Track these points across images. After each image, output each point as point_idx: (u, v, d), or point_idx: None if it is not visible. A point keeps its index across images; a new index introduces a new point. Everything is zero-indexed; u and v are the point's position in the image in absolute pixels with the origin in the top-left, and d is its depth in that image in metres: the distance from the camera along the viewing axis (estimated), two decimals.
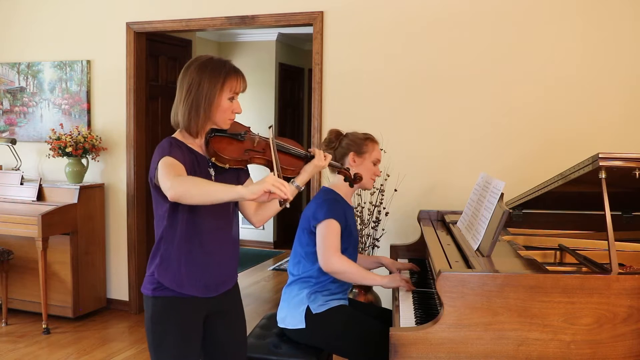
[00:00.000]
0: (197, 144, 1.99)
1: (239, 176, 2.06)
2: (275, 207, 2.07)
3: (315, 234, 2.49)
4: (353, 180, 2.35)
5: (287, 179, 2.02)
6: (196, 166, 1.93)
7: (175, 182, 1.72)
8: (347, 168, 2.40)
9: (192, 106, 1.91)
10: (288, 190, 1.68)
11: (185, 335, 1.95)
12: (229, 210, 2.03)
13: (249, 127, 2.05)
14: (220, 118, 1.95)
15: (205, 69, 1.92)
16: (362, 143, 2.59)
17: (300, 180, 2.04)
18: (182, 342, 1.94)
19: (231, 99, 1.94)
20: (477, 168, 3.43)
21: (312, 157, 2.07)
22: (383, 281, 2.50)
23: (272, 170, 1.88)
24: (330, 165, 2.17)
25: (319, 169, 2.07)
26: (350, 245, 2.58)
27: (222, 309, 2.05)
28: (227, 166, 1.91)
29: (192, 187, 1.72)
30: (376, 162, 2.63)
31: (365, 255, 3.01)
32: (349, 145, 2.60)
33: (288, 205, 1.72)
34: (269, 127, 1.99)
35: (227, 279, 2.05)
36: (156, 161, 1.86)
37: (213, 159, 1.93)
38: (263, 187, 1.65)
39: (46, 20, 4.80)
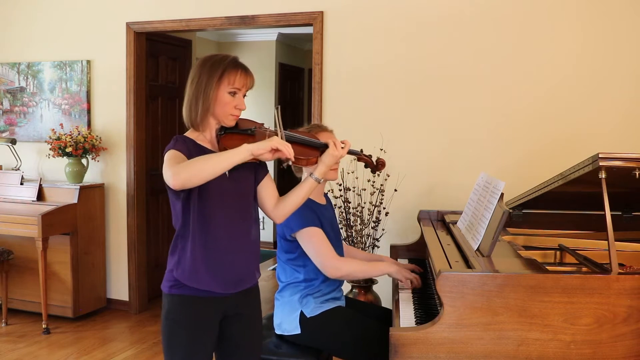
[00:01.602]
0: (207, 141, 1.98)
1: (256, 172, 2.04)
2: (294, 200, 2.03)
3: (291, 241, 2.45)
4: (375, 167, 2.30)
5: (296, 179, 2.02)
6: None
7: (176, 169, 1.74)
8: (369, 155, 2.32)
9: (192, 99, 1.94)
10: (292, 152, 1.79)
11: (198, 334, 1.95)
12: (246, 205, 2.01)
13: (262, 124, 2.03)
14: (220, 112, 1.94)
15: (207, 63, 1.95)
16: None
17: (319, 172, 2.00)
18: (194, 341, 1.94)
19: (232, 93, 1.93)
20: (477, 168, 3.42)
21: (327, 146, 2.01)
22: (390, 269, 2.50)
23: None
24: (350, 152, 2.10)
25: (336, 158, 2.01)
26: (331, 239, 2.52)
27: (240, 312, 2.04)
28: None
29: (195, 165, 1.74)
30: None
31: (368, 253, 2.99)
32: None
33: (285, 166, 1.84)
34: (276, 108, 1.98)
35: (245, 277, 2.02)
36: (164, 158, 1.88)
37: None
38: (270, 143, 1.78)
39: (46, 20, 4.80)
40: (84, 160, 4.54)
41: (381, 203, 3.60)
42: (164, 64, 5.08)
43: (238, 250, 1.98)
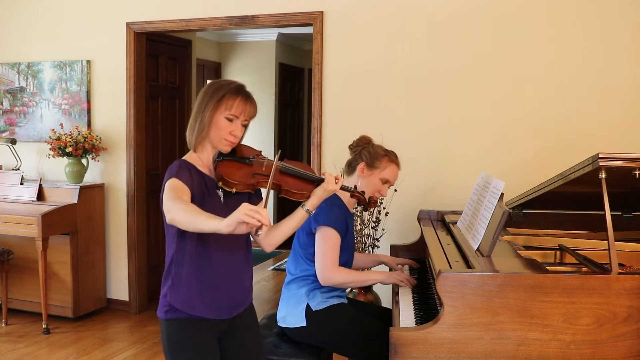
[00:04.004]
0: (205, 167, 1.98)
1: (250, 199, 2.03)
2: (284, 230, 2.03)
3: (314, 235, 2.49)
4: (367, 204, 2.28)
5: (298, 203, 2.01)
6: (204, 189, 1.92)
7: (173, 207, 1.74)
8: (362, 192, 2.30)
9: (192, 119, 1.95)
10: (263, 217, 1.58)
11: (204, 354, 1.95)
12: (239, 234, 1.99)
13: (260, 151, 2.04)
14: (215, 136, 1.93)
15: (213, 86, 1.96)
16: (377, 157, 2.57)
17: (310, 204, 2.00)
18: None
19: (229, 119, 1.92)
20: (477, 168, 3.43)
21: (323, 180, 2.01)
22: (381, 277, 2.56)
23: (266, 200, 1.78)
24: (342, 188, 2.09)
25: (330, 192, 2.00)
26: (349, 249, 2.59)
27: (236, 329, 2.04)
28: (234, 190, 1.90)
29: (182, 214, 1.71)
30: (385, 182, 2.58)
31: (365, 254, 3.01)
32: (365, 155, 2.59)
33: (260, 232, 1.64)
34: (278, 152, 1.95)
35: (241, 302, 2.03)
36: (164, 183, 1.87)
37: (220, 183, 1.92)
38: (236, 217, 1.58)
39: (46, 20, 4.80)
40: (84, 160, 4.54)
41: (381, 203, 3.60)
42: (164, 64, 5.08)
43: (233, 277, 1.99)
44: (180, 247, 1.92)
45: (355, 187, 2.33)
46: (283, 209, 7.05)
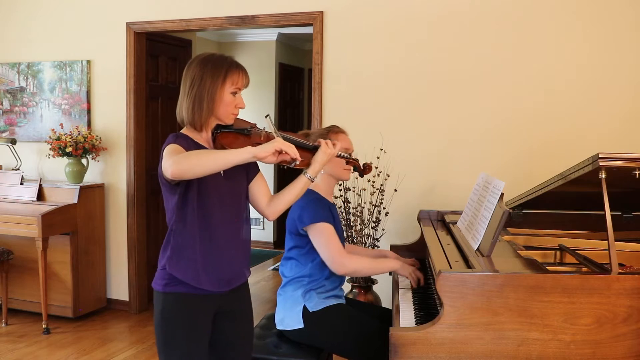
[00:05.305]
0: (204, 139, 2.00)
1: (248, 171, 2.07)
2: (288, 198, 2.06)
3: (303, 235, 2.49)
4: (362, 170, 2.37)
5: (299, 171, 2.04)
6: None
7: (177, 158, 1.75)
8: (356, 158, 2.39)
9: (195, 100, 1.94)
10: (297, 152, 1.77)
11: (195, 332, 1.95)
12: (239, 204, 2.03)
13: (255, 124, 2.07)
14: (223, 112, 1.96)
15: (207, 64, 1.95)
16: (322, 138, 2.55)
17: (312, 170, 2.03)
18: (192, 340, 1.94)
19: (234, 93, 1.96)
20: (477, 168, 3.43)
21: (318, 147, 2.05)
22: (397, 265, 2.55)
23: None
24: (339, 155, 2.15)
25: (330, 156, 2.04)
26: (340, 236, 2.57)
27: (231, 308, 2.06)
28: None
29: (196, 157, 1.75)
30: (344, 152, 2.54)
31: (371, 249, 3.01)
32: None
33: (296, 163, 1.83)
34: (266, 116, 2.01)
35: (239, 274, 2.05)
36: (162, 153, 1.88)
37: None
38: (274, 145, 1.77)
39: (46, 20, 4.80)
40: (84, 160, 4.54)
41: (381, 203, 3.60)
42: (164, 64, 5.08)
43: (232, 249, 2.01)
44: (180, 217, 1.93)
45: (350, 154, 2.41)
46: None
